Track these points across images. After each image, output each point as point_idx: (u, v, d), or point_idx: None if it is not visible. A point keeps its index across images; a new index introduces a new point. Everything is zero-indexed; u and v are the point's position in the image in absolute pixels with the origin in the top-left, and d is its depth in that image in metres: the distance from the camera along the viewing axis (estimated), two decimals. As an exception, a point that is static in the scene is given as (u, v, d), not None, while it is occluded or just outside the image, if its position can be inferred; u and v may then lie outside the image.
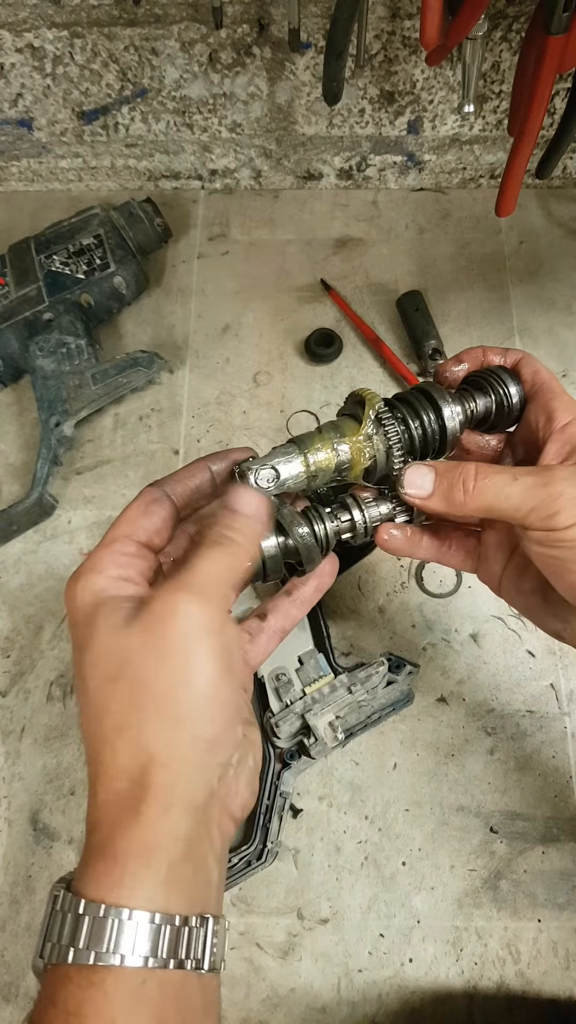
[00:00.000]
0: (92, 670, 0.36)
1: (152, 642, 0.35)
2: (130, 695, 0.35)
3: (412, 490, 0.44)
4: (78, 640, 0.38)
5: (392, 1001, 0.61)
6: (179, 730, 0.35)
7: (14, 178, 0.97)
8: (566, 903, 0.63)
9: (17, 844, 0.66)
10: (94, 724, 0.36)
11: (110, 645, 0.36)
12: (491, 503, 0.42)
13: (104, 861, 0.33)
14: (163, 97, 0.87)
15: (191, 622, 0.36)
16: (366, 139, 0.91)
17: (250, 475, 0.44)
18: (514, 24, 0.78)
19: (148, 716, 0.35)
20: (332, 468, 0.46)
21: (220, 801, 0.37)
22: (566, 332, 0.87)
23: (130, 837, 0.33)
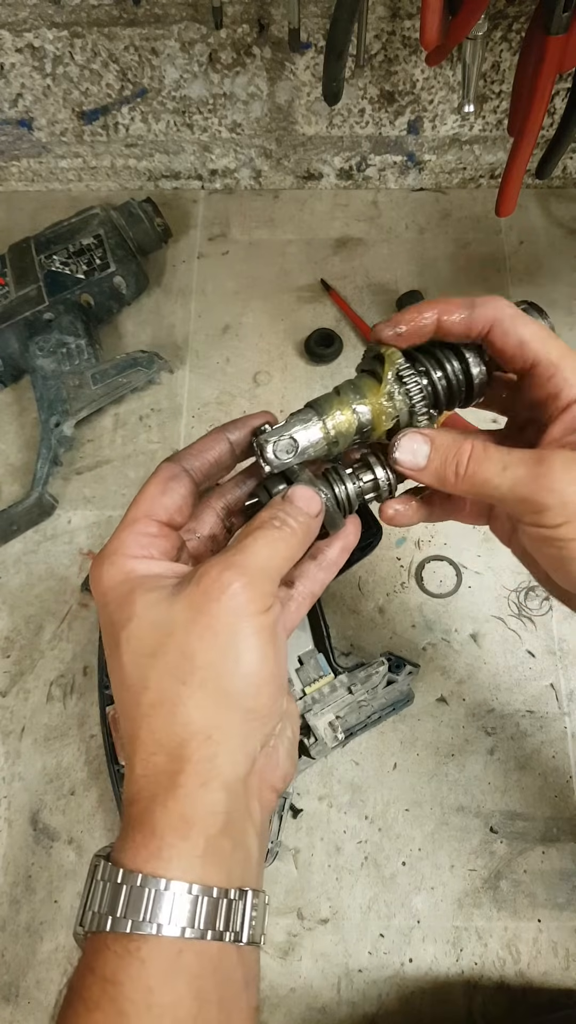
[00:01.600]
0: (130, 646, 0.36)
1: (198, 618, 0.35)
2: (172, 669, 0.35)
3: (406, 458, 0.42)
4: (112, 619, 0.37)
5: (392, 1001, 0.61)
6: (224, 704, 0.35)
7: (14, 178, 0.97)
8: (566, 903, 0.63)
9: (17, 844, 0.66)
10: (131, 700, 0.36)
11: (152, 620, 0.36)
12: (481, 490, 0.40)
13: (142, 833, 0.34)
14: (163, 97, 0.87)
15: (239, 601, 0.35)
16: (366, 139, 0.91)
17: (268, 447, 0.43)
18: (514, 24, 0.78)
19: (191, 690, 0.34)
20: (353, 431, 0.44)
21: (260, 773, 0.37)
22: (566, 332, 0.87)
23: (168, 810, 0.34)
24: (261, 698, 0.36)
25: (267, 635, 0.36)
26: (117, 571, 0.38)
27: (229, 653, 0.35)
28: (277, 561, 0.38)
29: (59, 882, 0.65)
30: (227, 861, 0.34)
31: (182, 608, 0.35)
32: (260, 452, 0.43)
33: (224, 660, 0.35)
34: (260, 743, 0.36)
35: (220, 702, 0.35)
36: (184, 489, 0.42)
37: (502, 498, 0.39)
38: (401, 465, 0.42)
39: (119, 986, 0.31)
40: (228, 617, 0.35)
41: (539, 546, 0.40)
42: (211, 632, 0.35)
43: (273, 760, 0.38)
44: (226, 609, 0.35)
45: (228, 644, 0.35)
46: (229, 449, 0.45)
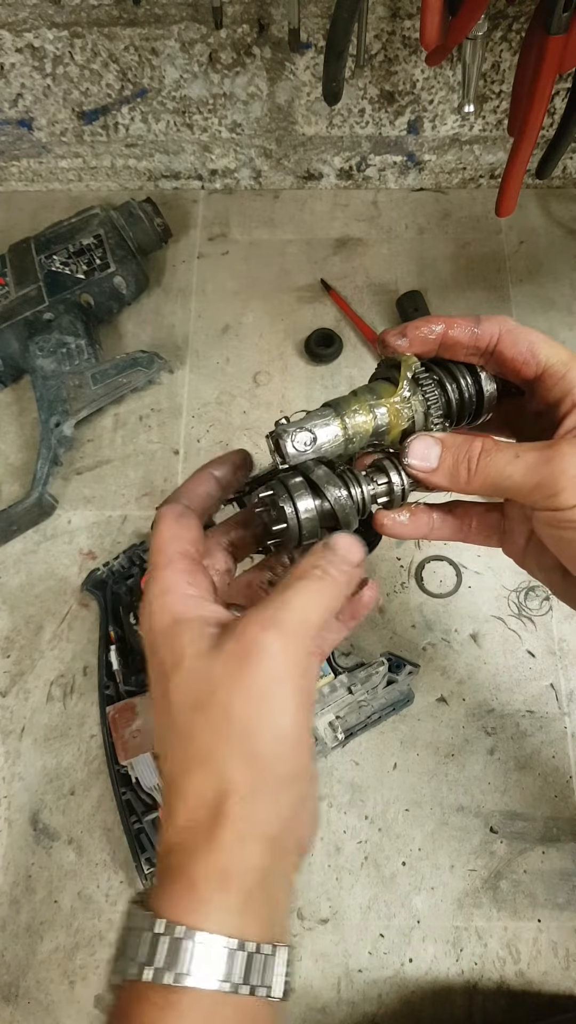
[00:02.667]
0: (178, 695, 0.36)
1: (238, 676, 0.35)
2: (215, 725, 0.35)
3: (417, 462, 0.42)
4: (162, 663, 0.37)
5: (392, 1001, 0.61)
6: (259, 766, 0.35)
7: (14, 178, 0.97)
8: (566, 903, 0.63)
9: (17, 844, 0.66)
10: (178, 749, 0.36)
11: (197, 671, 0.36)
12: (495, 482, 0.40)
13: (181, 884, 0.34)
14: (163, 97, 0.87)
15: (277, 663, 0.35)
16: (366, 139, 0.91)
17: (287, 438, 0.43)
18: (514, 24, 0.78)
19: (232, 750, 0.35)
20: (369, 431, 0.44)
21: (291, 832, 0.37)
22: (566, 332, 0.87)
23: (208, 863, 0.34)
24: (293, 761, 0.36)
25: (302, 700, 0.36)
26: (167, 613, 0.38)
27: (266, 716, 0.35)
28: (318, 614, 0.37)
29: (59, 882, 0.65)
30: (262, 915, 0.35)
31: (224, 663, 0.35)
32: (277, 444, 0.43)
33: (262, 723, 0.35)
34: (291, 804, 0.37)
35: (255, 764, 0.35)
36: (195, 523, 0.42)
37: (516, 487, 0.39)
38: (413, 467, 0.43)
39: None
40: (266, 680, 0.35)
41: (555, 532, 0.40)
42: (249, 693, 0.35)
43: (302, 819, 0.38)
44: (265, 671, 0.35)
45: (267, 708, 0.35)
46: (216, 485, 0.45)
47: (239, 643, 0.35)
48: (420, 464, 0.42)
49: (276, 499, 0.42)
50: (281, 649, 0.35)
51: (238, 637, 0.36)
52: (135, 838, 0.64)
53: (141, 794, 0.65)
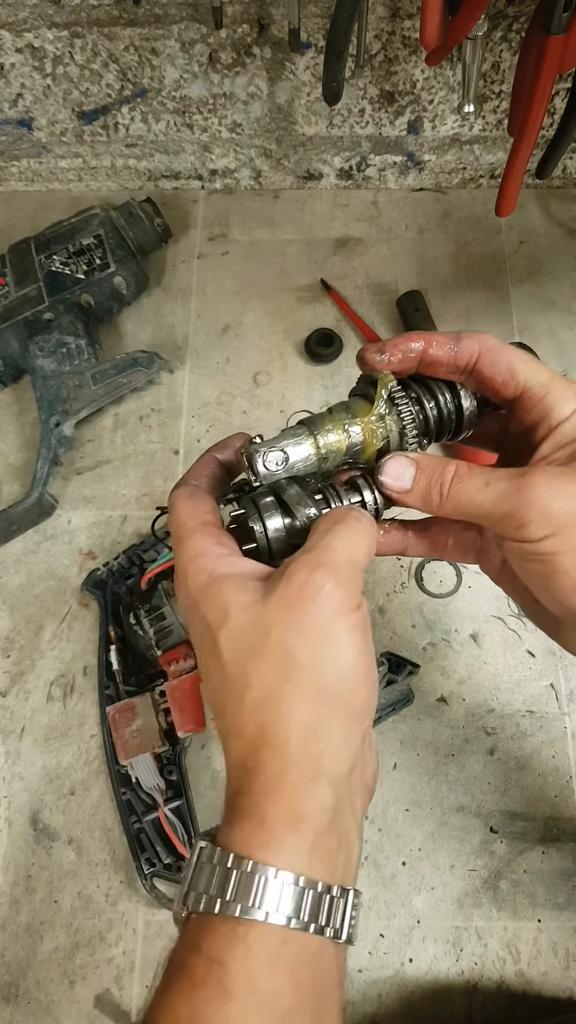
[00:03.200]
0: (229, 647, 0.36)
1: (295, 617, 0.35)
2: (276, 667, 0.35)
3: (391, 481, 0.43)
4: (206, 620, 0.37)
5: (392, 1001, 0.61)
6: (327, 701, 0.35)
7: (14, 178, 0.97)
8: (566, 903, 0.63)
9: (17, 844, 0.66)
10: (234, 699, 0.36)
11: (248, 620, 0.36)
12: (465, 509, 0.40)
13: (251, 822, 0.34)
14: (163, 97, 0.87)
15: (333, 600, 0.36)
16: (366, 139, 0.91)
17: (258, 457, 0.43)
18: (514, 24, 0.78)
19: (296, 688, 0.35)
20: (343, 450, 0.44)
21: (359, 771, 0.37)
22: (566, 332, 0.87)
23: (279, 803, 0.34)
24: (360, 695, 0.36)
25: (361, 632, 0.37)
26: (202, 573, 0.38)
27: (329, 651, 0.35)
28: (361, 554, 0.38)
29: (59, 882, 0.65)
30: (332, 857, 0.35)
31: (278, 608, 0.36)
32: (250, 463, 0.43)
33: (325, 658, 0.35)
34: (360, 740, 0.37)
35: (323, 700, 0.35)
36: (208, 499, 0.43)
37: (486, 514, 0.39)
38: (387, 487, 0.43)
39: (225, 967, 0.32)
40: (325, 616, 0.35)
41: (523, 563, 0.40)
42: (311, 631, 0.35)
43: (368, 757, 0.39)
44: (323, 609, 0.35)
45: (328, 643, 0.35)
46: (220, 466, 0.46)
47: (289, 587, 0.36)
48: (394, 484, 0.43)
49: (246, 518, 0.42)
50: (335, 587, 0.36)
51: (288, 580, 0.36)
52: (135, 838, 0.64)
53: (141, 794, 0.65)
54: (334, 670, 0.35)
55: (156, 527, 0.73)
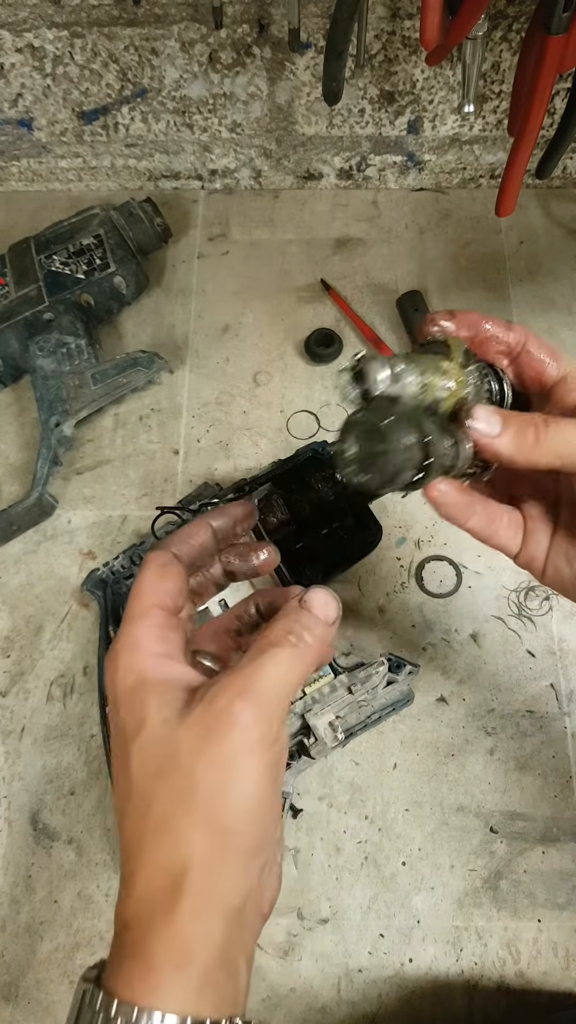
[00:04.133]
0: (138, 761, 0.35)
1: (206, 746, 0.34)
2: (177, 794, 0.34)
3: (482, 426, 0.40)
4: (123, 725, 0.36)
5: (392, 1001, 0.61)
6: (223, 839, 0.34)
7: (14, 178, 0.97)
8: (566, 903, 0.63)
9: (17, 844, 0.66)
10: (137, 816, 0.35)
11: (161, 738, 0.35)
12: (560, 448, 0.39)
13: (137, 962, 0.33)
14: (163, 97, 0.87)
15: (248, 735, 0.34)
16: (366, 139, 0.91)
17: (371, 371, 0.39)
18: (514, 24, 0.78)
19: (194, 820, 0.34)
20: (434, 394, 0.41)
21: (254, 901, 0.36)
22: (566, 332, 0.87)
23: (165, 941, 0.33)
24: (259, 833, 0.35)
25: (271, 772, 0.35)
26: (131, 672, 0.37)
27: (234, 787, 0.34)
28: (292, 682, 0.37)
29: (59, 882, 0.65)
30: (220, 992, 0.34)
31: (190, 730, 0.34)
32: (358, 377, 0.40)
33: (228, 793, 0.34)
34: (256, 873, 0.36)
35: (220, 836, 0.34)
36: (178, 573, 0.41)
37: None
38: (478, 431, 0.40)
39: None
40: (235, 751, 0.34)
41: None
42: (217, 763, 0.34)
43: (265, 887, 0.38)
44: (234, 743, 0.34)
45: (234, 778, 0.34)
46: (212, 535, 0.45)
47: (207, 711, 0.34)
48: (486, 428, 0.40)
49: (383, 426, 0.37)
50: (253, 720, 0.34)
51: (207, 705, 0.35)
52: (135, 838, 0.64)
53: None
54: (236, 806, 0.34)
55: (156, 527, 0.73)
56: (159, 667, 0.37)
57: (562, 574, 0.46)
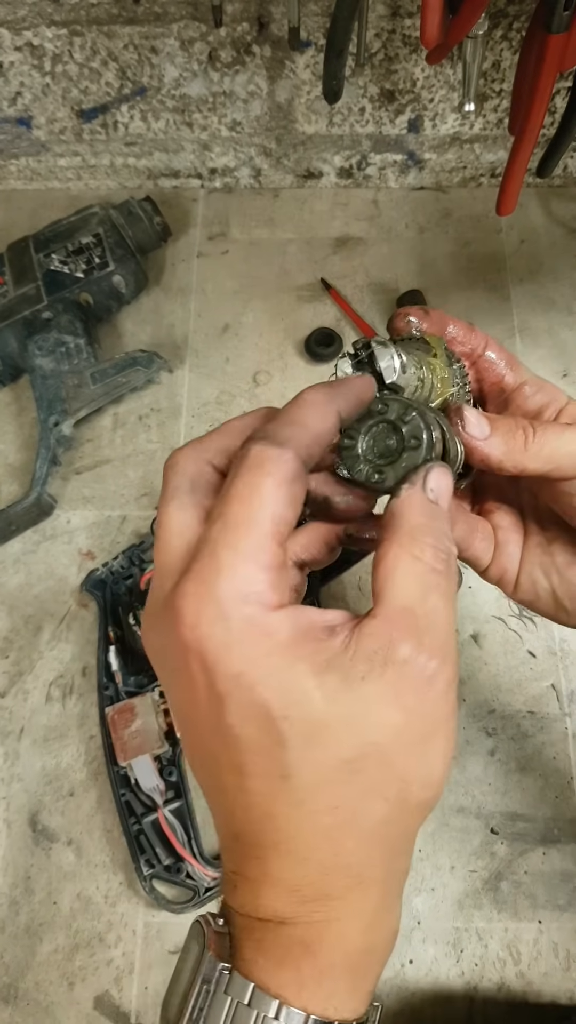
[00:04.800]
0: (312, 747, 0.27)
1: (412, 722, 0.28)
2: (377, 788, 0.28)
3: (473, 427, 0.37)
4: (267, 706, 0.27)
5: (392, 1002, 0.61)
6: (416, 822, 0.30)
7: (13, 177, 0.97)
8: (567, 904, 0.63)
9: (16, 846, 0.66)
10: (302, 815, 0.28)
11: (341, 716, 0.27)
12: (550, 452, 0.37)
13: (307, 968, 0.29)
14: (162, 95, 0.87)
15: (450, 699, 0.29)
16: (366, 138, 0.91)
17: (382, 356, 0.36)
18: (515, 23, 0.77)
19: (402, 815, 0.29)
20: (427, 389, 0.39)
21: None
22: (566, 332, 0.87)
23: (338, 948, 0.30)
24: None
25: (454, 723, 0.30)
26: (258, 636, 0.27)
27: (437, 770, 0.29)
28: (453, 612, 0.30)
29: (58, 883, 0.65)
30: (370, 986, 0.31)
31: (384, 704, 0.27)
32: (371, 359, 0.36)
33: (432, 778, 0.29)
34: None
35: (415, 819, 0.30)
36: (303, 493, 0.30)
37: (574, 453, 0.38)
38: (469, 433, 0.38)
39: None
40: (437, 726, 0.29)
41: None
42: (423, 742, 0.28)
43: None
44: (439, 712, 0.29)
45: (437, 760, 0.29)
46: (335, 428, 0.33)
47: (402, 677, 0.27)
48: (475, 430, 0.37)
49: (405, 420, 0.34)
50: (449, 681, 0.29)
51: (400, 664, 0.27)
52: (134, 840, 0.64)
53: (140, 795, 0.65)
54: (438, 785, 0.30)
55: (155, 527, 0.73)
56: (294, 620, 0.28)
57: (539, 586, 0.44)
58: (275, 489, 0.28)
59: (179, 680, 0.28)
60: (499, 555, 0.44)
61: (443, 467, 0.33)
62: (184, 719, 0.29)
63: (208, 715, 0.28)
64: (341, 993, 0.29)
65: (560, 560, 0.43)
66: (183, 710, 0.29)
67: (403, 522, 0.31)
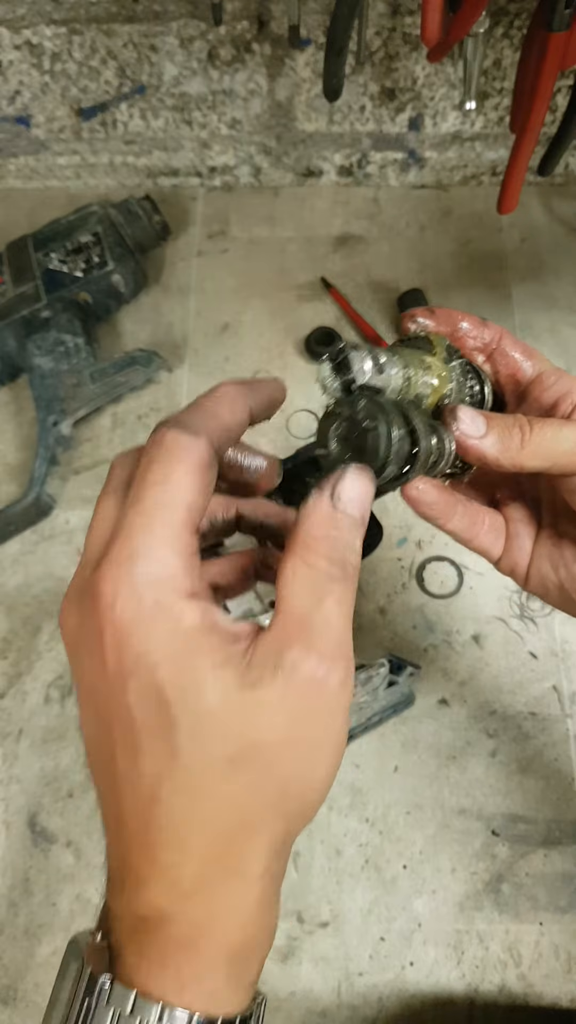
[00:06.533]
0: (193, 736, 0.27)
1: (296, 733, 0.28)
2: (260, 792, 0.29)
3: (466, 426, 0.37)
4: (165, 693, 0.27)
5: (393, 1005, 0.61)
6: (299, 825, 0.31)
7: (12, 175, 0.97)
8: (568, 906, 0.63)
9: (15, 847, 0.66)
10: (188, 798, 0.28)
11: (230, 714, 0.28)
12: (548, 449, 0.37)
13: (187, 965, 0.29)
14: (162, 94, 0.86)
15: (341, 706, 0.29)
16: (367, 136, 0.91)
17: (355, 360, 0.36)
18: (515, 21, 0.77)
19: (283, 816, 0.30)
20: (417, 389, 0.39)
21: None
22: (568, 330, 0.87)
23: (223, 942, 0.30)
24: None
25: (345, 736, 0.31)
26: (167, 619, 0.27)
27: (321, 777, 0.30)
28: (349, 621, 0.31)
29: (57, 885, 0.64)
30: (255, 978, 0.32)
31: (274, 710, 0.28)
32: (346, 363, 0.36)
33: (315, 786, 0.30)
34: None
35: (298, 823, 0.31)
36: (213, 480, 0.31)
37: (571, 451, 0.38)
38: (463, 432, 0.38)
39: None
40: (327, 734, 0.30)
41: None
42: (306, 753, 0.29)
43: None
44: (326, 725, 0.29)
45: (322, 766, 0.30)
46: (247, 420, 0.34)
47: (291, 683, 0.28)
48: (470, 428, 0.37)
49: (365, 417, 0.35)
50: (342, 686, 0.29)
51: (289, 674, 0.28)
52: (134, 841, 0.63)
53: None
54: (320, 793, 0.31)
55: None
56: (202, 613, 0.28)
57: (547, 580, 0.44)
58: (188, 475, 0.29)
59: (91, 658, 0.29)
60: (510, 547, 0.45)
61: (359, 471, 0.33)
62: (88, 696, 0.30)
63: (111, 692, 0.28)
64: (223, 989, 0.30)
65: (568, 555, 0.43)
66: (90, 686, 0.29)
67: (300, 531, 0.31)
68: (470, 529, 0.44)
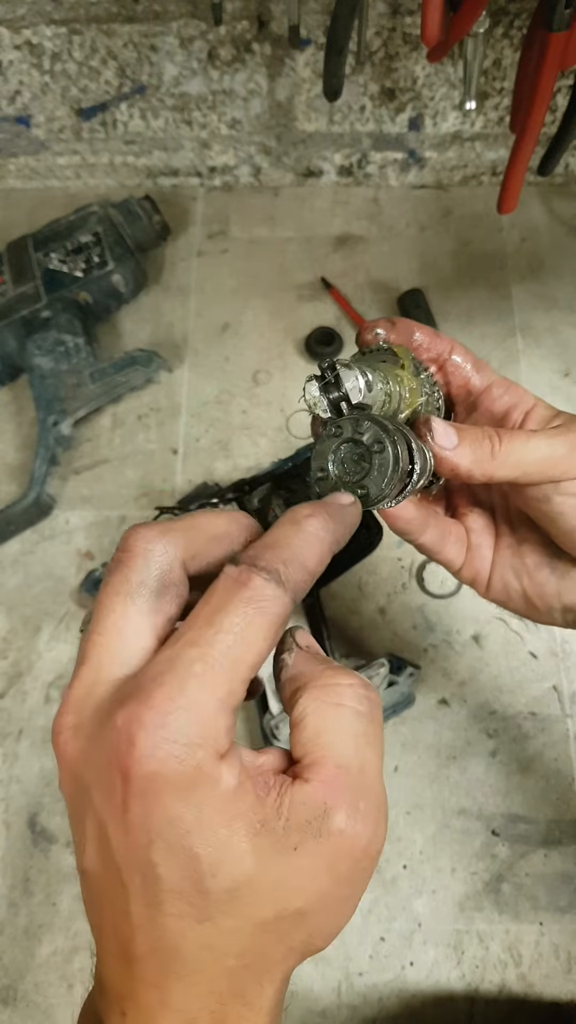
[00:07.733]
0: (232, 910, 0.26)
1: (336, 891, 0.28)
2: (288, 938, 0.28)
3: (440, 438, 0.38)
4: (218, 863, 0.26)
5: (393, 1005, 0.61)
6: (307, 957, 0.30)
7: (12, 175, 0.97)
8: (568, 906, 0.63)
9: (15, 847, 0.66)
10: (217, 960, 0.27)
11: (272, 879, 0.27)
12: (518, 459, 0.38)
13: None
14: (162, 94, 0.86)
15: (379, 856, 0.29)
16: (367, 136, 0.91)
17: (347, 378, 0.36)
18: (515, 21, 0.77)
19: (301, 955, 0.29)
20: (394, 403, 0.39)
21: None
22: (568, 330, 0.87)
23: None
24: None
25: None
26: (204, 784, 0.26)
27: (343, 921, 0.30)
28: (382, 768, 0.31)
29: (57, 885, 0.64)
30: None
31: (313, 874, 0.27)
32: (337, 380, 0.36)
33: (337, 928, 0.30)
34: None
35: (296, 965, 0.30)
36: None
37: (544, 458, 0.38)
38: (437, 444, 0.38)
39: None
40: (360, 883, 0.29)
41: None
42: (341, 903, 0.29)
43: None
44: (363, 876, 0.29)
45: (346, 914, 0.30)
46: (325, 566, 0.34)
47: (329, 841, 0.27)
48: (444, 440, 0.38)
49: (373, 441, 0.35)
50: (380, 850, 0.29)
51: (327, 834, 0.27)
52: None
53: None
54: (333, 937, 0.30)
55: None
56: (238, 771, 0.27)
57: (510, 587, 0.45)
58: (267, 632, 0.27)
59: (105, 798, 0.27)
60: (471, 557, 0.45)
61: (300, 630, 0.33)
62: (96, 829, 0.27)
63: (131, 842, 0.26)
64: None
65: (530, 562, 0.44)
66: (99, 821, 0.27)
67: (305, 679, 0.30)
68: (440, 542, 0.44)
